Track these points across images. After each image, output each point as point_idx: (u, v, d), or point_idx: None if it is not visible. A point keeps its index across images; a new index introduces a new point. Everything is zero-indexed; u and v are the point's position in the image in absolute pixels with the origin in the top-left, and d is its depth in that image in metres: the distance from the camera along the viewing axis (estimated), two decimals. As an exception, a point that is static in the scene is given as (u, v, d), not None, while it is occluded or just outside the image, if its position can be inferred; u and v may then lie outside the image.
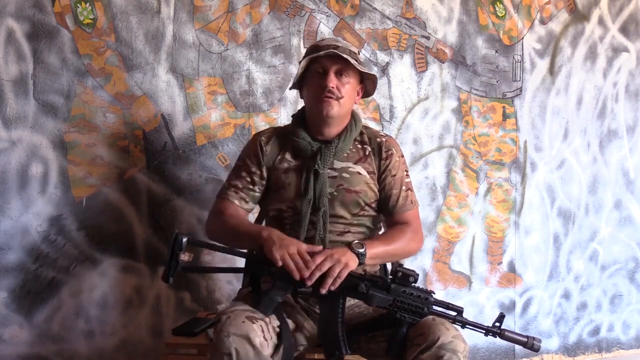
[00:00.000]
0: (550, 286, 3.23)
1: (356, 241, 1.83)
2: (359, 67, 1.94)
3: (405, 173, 2.06)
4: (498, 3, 3.04)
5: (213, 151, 2.61)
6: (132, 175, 2.52)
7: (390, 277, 1.79)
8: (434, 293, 1.80)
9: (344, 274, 1.73)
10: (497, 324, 1.78)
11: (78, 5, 2.44)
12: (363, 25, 2.82)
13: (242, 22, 2.64)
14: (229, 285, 2.63)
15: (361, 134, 2.05)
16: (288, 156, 1.99)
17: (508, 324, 3.13)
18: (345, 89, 1.94)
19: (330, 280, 1.71)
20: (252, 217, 2.16)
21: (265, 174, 2.00)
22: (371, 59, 2.84)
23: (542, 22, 3.14)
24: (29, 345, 2.43)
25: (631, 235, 3.40)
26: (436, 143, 2.97)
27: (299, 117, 2.05)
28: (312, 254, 1.75)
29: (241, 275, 2.16)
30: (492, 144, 3.07)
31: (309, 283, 1.72)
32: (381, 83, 2.85)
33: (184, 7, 2.56)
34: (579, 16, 3.21)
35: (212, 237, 1.98)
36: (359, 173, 1.98)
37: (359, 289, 1.74)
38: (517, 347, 3.14)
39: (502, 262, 3.11)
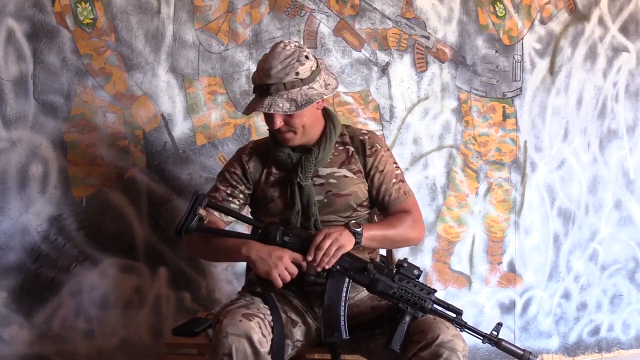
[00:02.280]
0: (550, 286, 3.23)
1: (353, 221, 1.84)
2: (289, 112, 1.80)
3: (394, 166, 2.03)
4: (498, 3, 3.04)
5: (213, 151, 2.61)
6: (132, 175, 2.52)
7: (396, 267, 1.79)
8: (436, 291, 1.81)
9: (339, 254, 1.74)
10: (495, 333, 1.81)
11: (78, 5, 2.44)
12: (363, 25, 2.82)
13: (242, 22, 2.64)
14: (229, 285, 2.63)
15: (341, 135, 2.01)
16: (273, 169, 1.97)
17: (508, 323, 3.13)
18: (299, 120, 1.85)
19: (326, 259, 1.73)
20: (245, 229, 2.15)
21: (248, 189, 1.98)
22: (371, 58, 2.84)
23: (542, 22, 3.14)
24: (29, 345, 2.43)
25: (631, 235, 3.40)
26: (436, 143, 2.97)
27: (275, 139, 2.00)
28: (310, 239, 1.76)
29: (242, 275, 2.15)
30: (492, 143, 3.07)
31: (319, 269, 1.75)
32: (381, 83, 2.86)
33: (184, 7, 2.56)
34: (579, 16, 3.21)
35: (190, 255, 2.03)
36: (345, 176, 1.96)
37: (365, 272, 1.76)
38: (517, 347, 3.14)
39: (502, 262, 3.11)
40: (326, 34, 2.76)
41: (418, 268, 1.78)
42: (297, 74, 1.80)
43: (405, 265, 1.78)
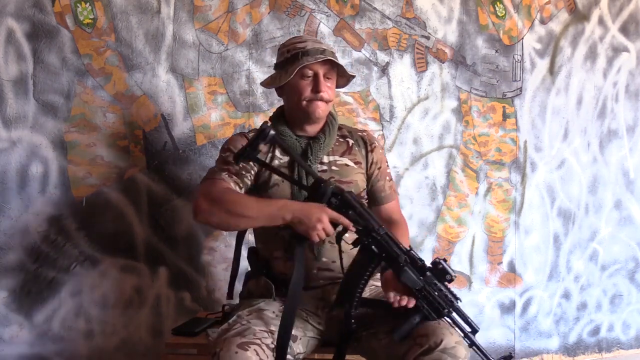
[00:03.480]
0: (550, 286, 3.23)
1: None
2: (348, 73, 2.02)
3: (386, 164, 2.14)
4: (498, 3, 3.04)
5: (213, 151, 2.61)
6: (132, 175, 2.52)
7: (431, 265, 1.76)
8: (461, 301, 1.79)
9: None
10: None
11: (78, 5, 2.44)
12: (363, 25, 2.82)
13: (242, 22, 2.64)
14: (225, 284, 2.62)
15: (339, 128, 2.09)
16: (278, 154, 1.99)
17: (508, 323, 3.13)
18: (332, 90, 1.99)
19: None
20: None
21: (253, 169, 1.96)
22: (371, 58, 2.84)
23: (542, 22, 3.14)
24: (29, 345, 2.43)
25: (631, 235, 3.40)
26: (436, 143, 2.97)
27: (279, 116, 2.06)
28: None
29: (242, 275, 2.15)
30: (492, 143, 3.07)
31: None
32: (381, 83, 2.86)
33: (184, 7, 2.56)
34: (579, 16, 3.21)
35: (205, 217, 1.84)
36: (347, 165, 2.03)
37: (398, 259, 1.73)
38: (518, 348, 3.14)
39: (502, 262, 3.11)
40: (326, 34, 2.76)
41: (452, 274, 1.75)
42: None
43: (440, 267, 1.74)
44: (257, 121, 2.64)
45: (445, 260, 1.76)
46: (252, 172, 1.96)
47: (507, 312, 3.13)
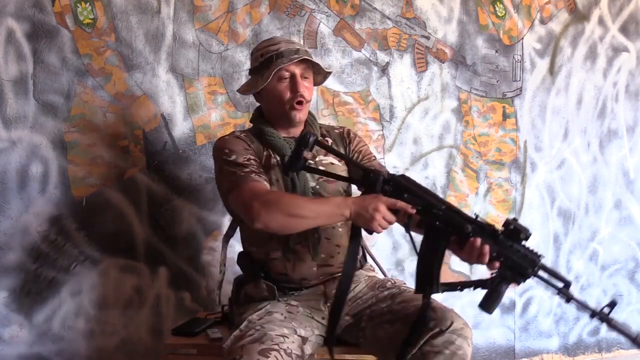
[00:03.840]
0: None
1: None
2: (324, 69, 2.02)
3: (367, 147, 2.13)
4: (498, 3, 3.04)
5: (213, 151, 2.61)
6: (132, 175, 2.52)
7: (502, 228, 1.68)
8: (543, 257, 1.69)
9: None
10: (607, 309, 1.68)
11: (78, 5, 2.44)
12: (363, 25, 2.82)
13: (242, 22, 2.64)
14: (228, 285, 2.61)
15: (319, 127, 2.10)
16: (271, 152, 1.97)
17: (508, 323, 3.13)
18: (310, 90, 1.98)
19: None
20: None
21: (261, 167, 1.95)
22: (371, 58, 2.84)
23: (542, 22, 3.14)
24: (29, 345, 2.43)
25: (631, 235, 3.40)
26: (436, 143, 2.97)
27: (260, 117, 2.05)
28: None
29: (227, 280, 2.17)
30: (492, 143, 3.07)
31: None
32: (381, 83, 2.86)
33: (184, 7, 2.56)
34: (579, 16, 3.21)
35: (265, 223, 1.77)
36: (332, 163, 2.02)
37: (464, 229, 1.67)
38: (517, 348, 3.14)
39: (502, 262, 3.11)
40: (326, 34, 2.76)
41: (527, 230, 1.67)
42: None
43: (512, 226, 1.66)
44: (257, 121, 2.64)
45: (515, 220, 1.69)
46: (263, 171, 1.93)
47: (507, 312, 3.13)
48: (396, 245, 2.91)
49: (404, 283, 2.04)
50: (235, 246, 2.34)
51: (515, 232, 1.66)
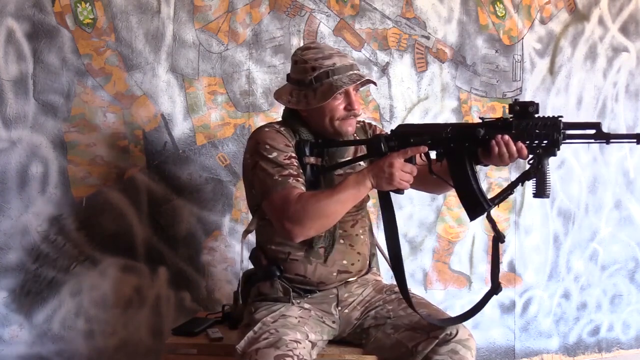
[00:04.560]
0: (550, 286, 3.23)
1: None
2: (375, 83, 1.96)
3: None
4: (498, 3, 3.04)
5: (213, 151, 2.61)
6: (132, 175, 2.52)
7: (510, 114, 1.67)
8: (562, 116, 1.65)
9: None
10: None
11: (78, 5, 2.44)
12: (363, 25, 2.82)
13: (242, 22, 2.64)
14: (229, 285, 2.63)
15: None
16: (307, 152, 1.90)
17: (508, 323, 3.13)
18: (359, 104, 1.91)
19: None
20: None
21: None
22: (371, 58, 2.84)
23: (542, 22, 3.14)
24: (29, 345, 2.43)
25: (631, 235, 3.40)
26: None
27: (296, 119, 1.95)
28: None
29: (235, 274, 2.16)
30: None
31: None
32: (381, 83, 2.86)
33: (184, 6, 2.56)
34: (579, 16, 3.21)
35: (305, 235, 1.78)
36: (360, 165, 1.99)
37: (479, 136, 1.67)
38: (517, 348, 3.14)
39: (502, 262, 3.11)
40: (326, 34, 2.76)
41: (532, 103, 1.65)
42: None
43: (517, 108, 1.65)
44: (257, 121, 2.64)
45: (516, 100, 1.68)
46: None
47: (507, 312, 3.13)
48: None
49: (410, 289, 2.03)
50: (235, 245, 2.34)
51: (523, 110, 1.65)
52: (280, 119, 2.02)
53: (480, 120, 1.71)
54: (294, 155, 1.85)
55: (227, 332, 2.10)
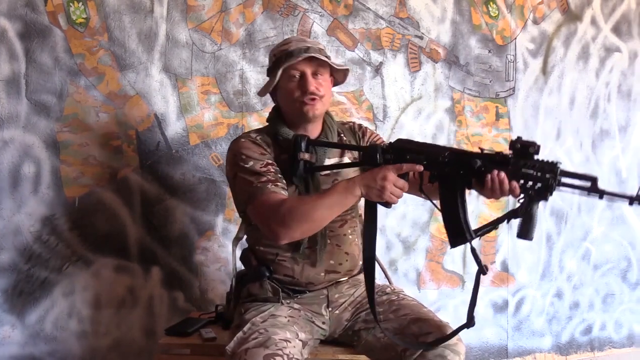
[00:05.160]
0: (542, 285, 3.24)
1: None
2: (335, 65, 1.96)
3: (379, 136, 2.14)
4: (491, 3, 3.05)
5: (206, 151, 2.61)
6: (125, 175, 2.52)
7: (510, 151, 1.65)
8: (561, 163, 1.64)
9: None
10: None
11: (71, 4, 2.43)
12: (356, 25, 2.82)
13: (235, 22, 2.63)
14: (222, 285, 2.63)
15: (337, 127, 2.06)
16: (282, 156, 1.93)
17: (501, 323, 3.14)
18: (324, 87, 1.93)
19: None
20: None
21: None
22: (364, 58, 2.84)
23: (535, 22, 3.15)
24: (22, 345, 2.43)
25: (623, 235, 3.41)
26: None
27: (277, 117, 2.00)
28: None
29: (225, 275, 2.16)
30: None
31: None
32: (374, 83, 2.86)
33: (177, 6, 2.55)
34: (571, 16, 3.22)
35: (290, 238, 1.80)
36: (342, 172, 1.99)
37: (475, 167, 1.66)
38: (510, 347, 3.15)
39: (495, 262, 3.12)
40: (320, 33, 2.76)
41: (534, 143, 1.62)
42: (324, 48, 2.00)
43: (518, 145, 1.63)
44: (250, 121, 2.64)
45: (519, 138, 1.66)
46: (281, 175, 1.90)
47: (500, 312, 3.14)
48: (389, 245, 2.92)
49: (402, 290, 2.03)
50: (228, 245, 2.34)
51: (523, 149, 1.63)
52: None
53: (480, 151, 1.70)
54: (270, 161, 1.88)
55: (220, 332, 2.10)
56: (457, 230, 1.71)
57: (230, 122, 2.64)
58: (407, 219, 2.94)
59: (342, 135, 2.06)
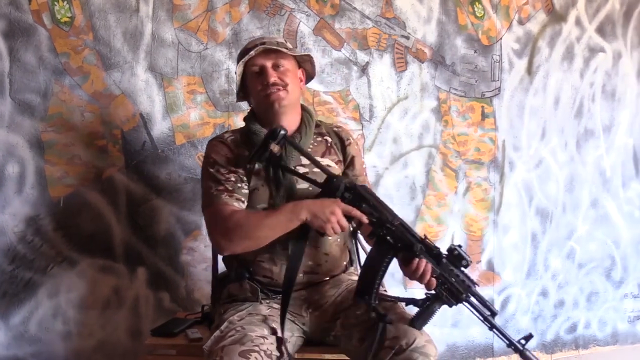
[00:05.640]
0: (528, 284, 3.26)
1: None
2: (290, 53, 1.98)
3: (362, 159, 2.15)
4: (477, 3, 3.06)
5: (192, 151, 2.60)
6: (110, 174, 2.50)
7: (446, 253, 1.79)
8: (478, 285, 1.82)
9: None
10: (523, 342, 1.81)
11: (55, 3, 2.41)
12: (343, 25, 2.82)
13: (221, 21, 2.63)
14: (208, 285, 2.60)
15: (317, 126, 2.06)
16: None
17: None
18: (287, 76, 1.95)
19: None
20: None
21: (244, 178, 1.92)
22: (351, 58, 2.84)
23: (520, 22, 3.17)
24: (5, 347, 2.41)
25: (607, 233, 3.44)
26: (415, 142, 2.99)
27: (253, 118, 2.02)
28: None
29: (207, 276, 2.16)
30: (471, 143, 3.09)
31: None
32: (361, 83, 2.86)
33: (163, 5, 2.54)
34: (556, 17, 3.24)
35: (232, 251, 1.87)
36: (329, 166, 1.99)
37: (413, 248, 1.75)
38: (496, 346, 3.17)
39: (480, 261, 3.14)
40: (306, 33, 2.76)
41: (467, 259, 1.77)
42: (286, 42, 2.04)
43: (456, 253, 1.77)
44: (237, 121, 2.63)
45: (460, 247, 1.79)
46: (246, 180, 1.92)
47: (486, 311, 3.15)
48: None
49: (385, 290, 2.03)
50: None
51: (458, 258, 1.78)
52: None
53: (424, 237, 1.80)
54: (234, 168, 1.91)
55: (206, 332, 2.08)
56: (367, 290, 1.80)
57: (216, 121, 2.64)
58: (394, 219, 2.95)
59: (328, 137, 2.06)
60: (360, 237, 2.07)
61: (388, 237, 1.79)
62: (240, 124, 2.58)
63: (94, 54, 2.47)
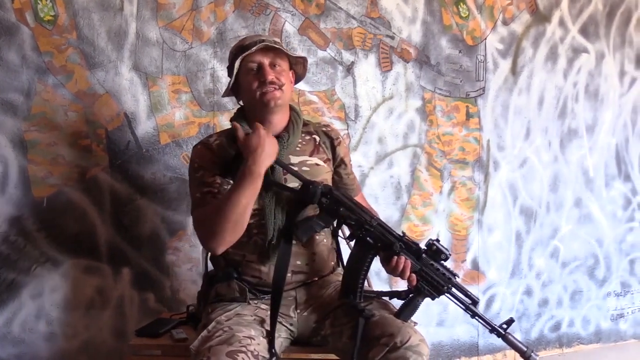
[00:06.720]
0: (512, 283, 3.28)
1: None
2: (291, 53, 1.98)
3: (349, 159, 2.16)
4: (461, 4, 3.07)
5: (177, 150, 2.59)
6: (94, 174, 2.49)
7: (425, 247, 1.84)
8: (458, 277, 1.88)
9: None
10: (505, 326, 1.89)
11: (38, 1, 2.39)
12: (328, 25, 2.83)
13: (206, 20, 2.62)
14: (193, 285, 2.61)
15: (304, 125, 2.06)
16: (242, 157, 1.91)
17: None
18: (283, 76, 1.95)
19: None
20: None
21: (231, 177, 1.90)
22: (336, 58, 2.85)
23: (505, 22, 3.19)
24: (-12, 348, 2.39)
25: (590, 233, 3.48)
26: (401, 142, 3.00)
27: (240, 115, 2.00)
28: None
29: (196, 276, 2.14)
30: (455, 143, 3.10)
31: None
32: (346, 82, 2.87)
33: (147, 4, 2.53)
34: (540, 17, 3.27)
35: (223, 248, 1.83)
36: (317, 164, 1.99)
37: (393, 247, 1.80)
38: (481, 344, 3.19)
39: (465, 260, 3.15)
40: (291, 32, 2.76)
41: (446, 252, 1.83)
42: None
43: (435, 247, 1.82)
44: (222, 120, 2.63)
45: (438, 241, 1.84)
46: (232, 182, 1.89)
47: (471, 309, 3.17)
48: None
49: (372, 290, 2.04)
50: (199, 245, 2.32)
51: (437, 252, 1.83)
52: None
53: (402, 234, 1.84)
54: (218, 172, 1.90)
55: (191, 332, 2.08)
56: (351, 288, 1.84)
57: (201, 121, 2.63)
58: (379, 218, 2.95)
59: (316, 135, 2.05)
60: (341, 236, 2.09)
61: (367, 238, 1.82)
62: (226, 123, 2.60)
63: (78, 52, 2.45)
